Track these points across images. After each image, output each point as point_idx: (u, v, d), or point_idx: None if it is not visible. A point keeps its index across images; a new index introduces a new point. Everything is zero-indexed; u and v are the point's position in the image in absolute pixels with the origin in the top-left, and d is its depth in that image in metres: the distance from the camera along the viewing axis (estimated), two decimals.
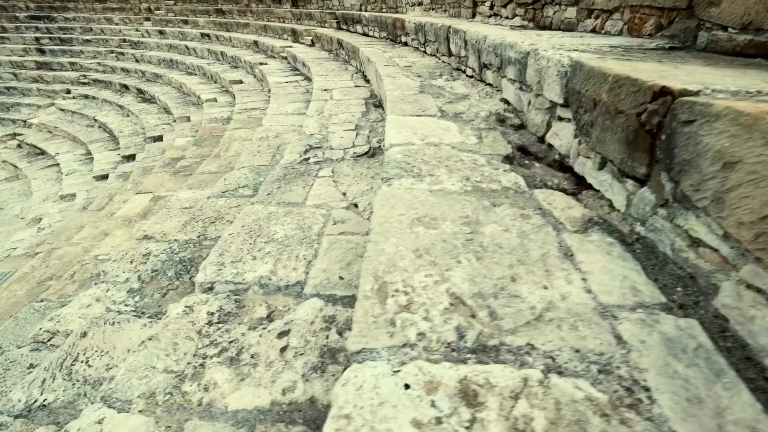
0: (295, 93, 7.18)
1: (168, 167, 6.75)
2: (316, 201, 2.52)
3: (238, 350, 1.45)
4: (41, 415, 1.71)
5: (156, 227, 3.70)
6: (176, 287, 2.44)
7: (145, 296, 2.35)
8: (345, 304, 1.69)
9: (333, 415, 0.74)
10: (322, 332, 1.54)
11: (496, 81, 3.17)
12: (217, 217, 3.10)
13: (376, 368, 0.83)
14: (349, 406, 0.75)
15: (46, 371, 1.89)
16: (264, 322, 1.59)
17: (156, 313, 2.24)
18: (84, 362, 1.94)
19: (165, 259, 2.63)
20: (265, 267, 1.90)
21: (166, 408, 1.25)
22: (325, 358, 1.44)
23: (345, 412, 0.74)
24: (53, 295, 3.42)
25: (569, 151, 1.93)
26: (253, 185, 3.56)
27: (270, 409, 1.26)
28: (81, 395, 1.78)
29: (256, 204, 2.48)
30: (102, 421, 1.18)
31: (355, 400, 0.76)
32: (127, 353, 1.96)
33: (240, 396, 1.29)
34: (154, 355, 1.41)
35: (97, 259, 3.89)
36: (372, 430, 0.70)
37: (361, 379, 0.81)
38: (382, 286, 1.07)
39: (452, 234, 1.30)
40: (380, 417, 0.73)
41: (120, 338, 2.05)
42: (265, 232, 2.18)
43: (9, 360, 2.41)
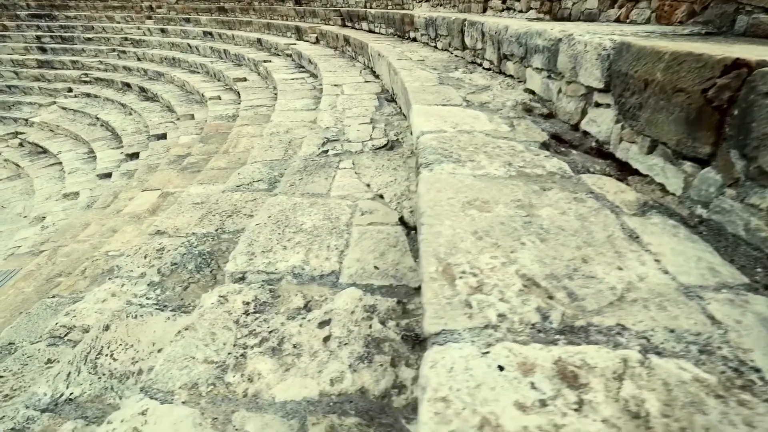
0: (301, 90, 7.12)
1: (174, 164, 6.68)
2: (341, 192, 2.46)
3: (279, 340, 1.39)
4: (68, 409, 1.65)
5: (168, 222, 3.64)
6: (197, 280, 2.38)
7: (166, 289, 2.29)
8: (384, 293, 1.63)
9: (429, 398, 0.68)
10: (364, 322, 1.48)
11: (518, 72, 3.12)
12: (233, 211, 3.05)
13: (463, 350, 0.77)
14: (444, 389, 0.69)
15: (70, 365, 1.83)
16: (302, 312, 1.53)
17: (179, 307, 2.18)
18: (109, 355, 1.87)
19: (184, 252, 2.56)
20: (297, 257, 1.83)
21: (211, 399, 1.19)
22: (370, 348, 1.38)
23: (441, 394, 0.68)
24: (65, 291, 3.36)
25: (609, 137, 1.87)
26: (267, 179, 3.50)
27: (319, 401, 1.20)
28: (108, 389, 1.72)
29: (280, 195, 2.42)
30: (145, 412, 1.12)
31: (449, 383, 0.70)
32: (152, 346, 1.90)
33: (286, 387, 1.23)
34: (192, 345, 1.34)
35: (108, 255, 3.83)
36: (474, 413, 0.64)
37: (450, 360, 0.75)
38: (447, 268, 1.01)
39: (509, 217, 1.24)
40: (480, 400, 0.67)
41: (144, 331, 1.99)
42: (293, 222, 2.12)
43: (26, 355, 2.34)
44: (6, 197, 9.96)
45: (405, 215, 2.20)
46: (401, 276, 1.72)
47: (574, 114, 2.19)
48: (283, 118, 5.42)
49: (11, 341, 2.89)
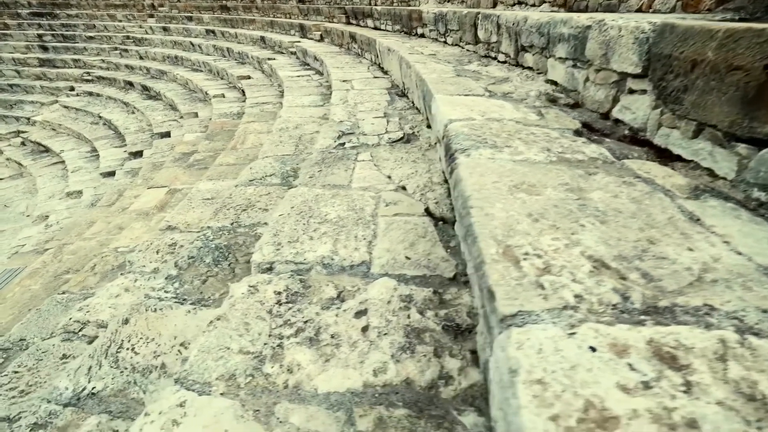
0: (308, 86, 7.07)
1: (180, 162, 6.62)
2: (362, 184, 2.41)
3: (316, 330, 1.34)
4: (91, 403, 1.59)
5: (179, 218, 3.58)
6: (216, 274, 2.33)
7: (184, 283, 2.23)
8: (418, 283, 1.57)
9: (523, 380, 0.62)
10: (402, 312, 1.42)
11: (537, 63, 3.06)
12: (248, 205, 2.99)
13: (547, 331, 0.72)
14: (538, 371, 0.64)
15: (91, 358, 1.77)
16: (336, 302, 1.47)
17: (198, 300, 2.12)
18: (130, 349, 1.82)
19: (201, 246, 2.51)
20: (325, 247, 1.78)
21: (250, 391, 1.13)
22: (410, 338, 1.32)
23: (536, 376, 0.63)
24: (75, 287, 3.30)
25: (645, 124, 1.82)
26: (280, 174, 3.45)
27: (364, 392, 1.14)
28: (131, 383, 1.66)
29: (300, 186, 2.37)
30: (183, 404, 1.06)
31: (542, 364, 0.65)
32: (173, 340, 1.85)
33: (328, 378, 1.17)
34: (225, 335, 1.29)
35: (117, 252, 3.77)
36: (576, 395, 0.59)
37: (536, 342, 0.70)
38: (507, 250, 0.96)
39: (560, 200, 1.19)
40: (579, 382, 0.61)
41: (165, 325, 1.93)
42: (317, 213, 2.06)
43: (40, 350, 2.29)
44: (8, 196, 9.90)
45: (431, 206, 2.14)
46: (434, 266, 1.67)
47: (604, 102, 2.14)
48: (292, 114, 5.37)
49: (22, 337, 2.84)
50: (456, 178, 1.44)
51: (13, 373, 2.19)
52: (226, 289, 2.20)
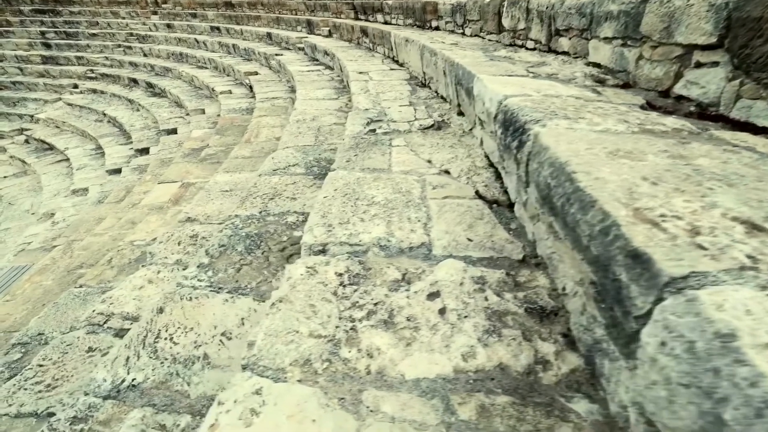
0: (319, 81, 6.96)
1: (190, 157, 6.51)
2: (403, 168, 2.29)
3: (389, 312, 1.22)
4: (132, 396, 1.47)
5: (198, 210, 3.47)
6: (249, 262, 2.21)
7: (218, 271, 2.11)
8: (486, 265, 1.45)
9: (750, 344, 0.51)
10: (477, 294, 1.30)
11: (575, 47, 2.95)
12: (275, 194, 2.88)
13: (740, 291, 0.61)
14: (762, 333, 0.52)
15: (127, 349, 1.65)
16: (402, 284, 1.35)
17: (235, 289, 2.01)
18: (168, 339, 1.70)
19: (231, 234, 2.39)
20: (379, 229, 1.66)
21: (330, 377, 1.01)
22: (493, 321, 1.20)
23: (763, 340, 0.52)
24: (92, 281, 3.19)
25: (718, 98, 1.70)
26: (303, 164, 3.35)
27: (456, 378, 1.02)
28: (173, 374, 1.54)
29: (339, 170, 2.25)
30: (260, 391, 0.94)
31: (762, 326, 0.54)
32: (214, 329, 1.73)
33: (413, 363, 1.05)
34: (292, 318, 1.17)
35: (134, 245, 3.66)
36: None
37: (736, 303, 0.58)
38: (638, 212, 0.84)
39: (670, 165, 1.07)
40: None
41: (203, 314, 1.81)
42: (362, 195, 1.95)
43: (65, 343, 2.17)
44: (13, 194, 9.77)
45: (480, 190, 2.03)
46: (500, 248, 1.55)
47: (663, 79, 2.02)
48: (307, 107, 5.26)
49: (41, 331, 2.72)
50: (536, 147, 1.32)
51: (38, 366, 2.07)
52: (262, 278, 2.08)
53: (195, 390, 1.48)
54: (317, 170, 3.26)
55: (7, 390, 1.96)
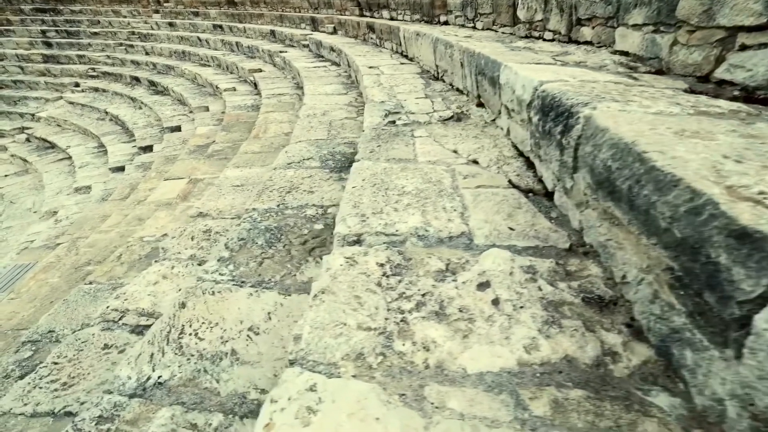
0: (326, 77, 6.89)
1: (196, 153, 6.44)
2: (429, 158, 2.21)
3: (439, 304, 1.14)
4: (160, 394, 1.39)
5: (210, 205, 3.40)
6: (271, 256, 2.13)
7: (239, 265, 2.04)
8: (533, 254, 1.38)
9: None
10: (529, 283, 1.23)
11: (599, 36, 2.88)
12: (291, 187, 2.81)
13: None
14: None
15: (151, 345, 1.57)
16: (447, 274, 1.28)
17: (258, 283, 1.93)
18: (193, 335, 1.62)
19: (250, 228, 2.32)
20: (414, 218, 1.58)
21: (386, 372, 0.93)
22: (551, 311, 1.13)
23: None
24: (101, 277, 3.11)
25: (766, 81, 1.63)
26: (317, 157, 3.28)
27: (521, 371, 0.94)
28: (201, 371, 1.47)
29: (364, 161, 2.17)
30: (314, 387, 0.87)
31: None
32: (240, 324, 1.65)
33: (474, 356, 0.98)
34: (337, 310, 1.09)
35: (143, 241, 3.58)
36: None
37: None
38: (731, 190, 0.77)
39: (745, 143, 1.00)
40: None
41: (227, 308, 1.74)
42: (392, 185, 1.87)
43: (80, 340, 2.09)
44: (14, 192, 9.69)
45: (513, 179, 1.95)
46: (544, 237, 1.48)
47: (702, 64, 1.95)
48: (317, 102, 5.19)
49: (51, 329, 2.65)
50: (590, 130, 1.25)
51: (52, 364, 1.99)
52: (285, 271, 2.01)
53: (225, 387, 1.41)
54: (332, 164, 3.19)
55: (22, 388, 1.89)
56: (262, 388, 1.40)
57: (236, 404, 1.35)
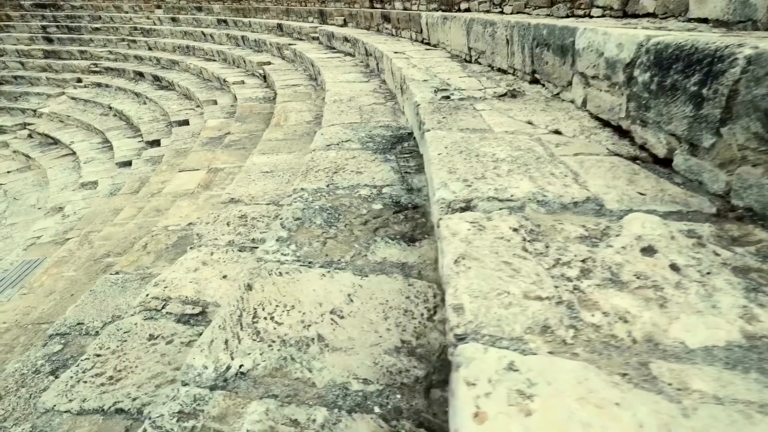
0: (343, 66, 6.70)
1: (210, 145, 6.25)
2: (505, 128, 2.02)
3: (608, 270, 0.94)
4: (245, 385, 1.19)
5: (241, 190, 3.22)
6: (334, 236, 1.94)
7: (301, 245, 1.84)
8: (680, 218, 1.18)
9: None
10: (700, 248, 1.04)
11: (666, 5, 2.69)
12: (337, 168, 2.63)
13: None
14: None
15: (223, 330, 1.37)
16: (595, 240, 1.08)
17: (328, 263, 1.73)
18: (269, 318, 1.41)
19: (303, 207, 2.12)
20: (524, 184, 1.38)
21: (588, 347, 0.73)
22: (743, 277, 0.93)
23: None
24: (128, 267, 2.91)
25: None
26: (356, 139, 3.11)
27: (754, 345, 0.74)
28: (288, 359, 1.26)
29: (435, 131, 1.98)
30: (513, 366, 0.66)
31: None
32: (319, 307, 1.45)
33: (686, 328, 0.78)
34: (491, 277, 0.89)
35: (168, 230, 3.39)
36: None
37: None
38: None
39: None
40: None
41: (300, 290, 1.54)
42: (480, 152, 1.67)
43: (122, 330, 1.88)
44: (18, 189, 9.45)
45: (610, 147, 1.76)
46: (683, 202, 1.28)
47: None
48: (340, 88, 5.00)
49: (80, 321, 2.45)
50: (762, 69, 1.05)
51: (95, 356, 1.78)
52: (354, 252, 1.81)
53: (320, 377, 1.20)
54: (374, 145, 3.01)
55: (65, 383, 1.68)
56: (365, 378, 1.19)
57: (338, 396, 1.15)
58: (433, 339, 1.34)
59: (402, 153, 2.91)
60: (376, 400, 1.13)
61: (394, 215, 2.14)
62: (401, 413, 1.10)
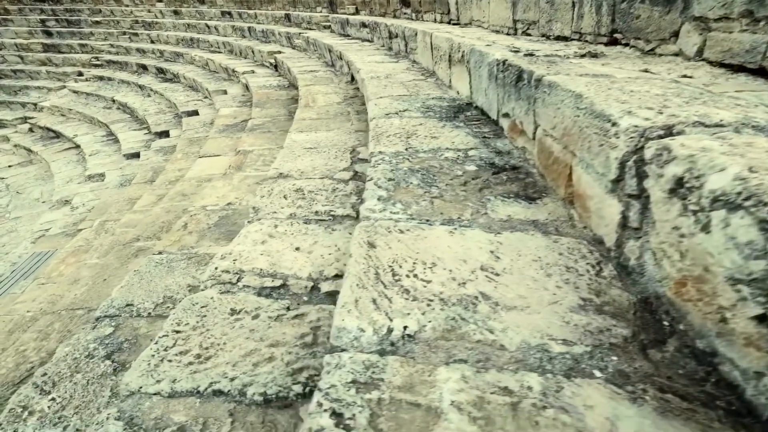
0: (365, 50, 6.49)
1: (228, 131, 6.05)
2: (626, 75, 1.80)
3: None
4: (419, 349, 0.96)
5: (288, 166, 3.03)
6: (440, 195, 1.73)
7: (408, 205, 1.63)
8: None
9: None
10: None
11: None
12: (409, 133, 2.47)
13: None
14: None
15: (363, 289, 1.13)
16: None
17: (448, 221, 1.53)
18: (411, 276, 1.18)
19: (391, 169, 1.91)
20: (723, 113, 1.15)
21: None
22: None
23: None
24: (170, 247, 2.69)
25: None
26: (413, 109, 3.00)
27: None
28: (457, 319, 1.03)
29: (554, 75, 1.75)
30: None
31: None
32: (464, 264, 1.21)
33: None
34: None
35: (207, 210, 3.17)
36: None
37: None
38: None
39: None
40: None
41: (434, 246, 1.33)
42: (629, 89, 1.45)
43: (198, 305, 1.64)
44: (20, 183, 9.14)
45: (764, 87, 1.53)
46: None
47: None
48: (373, 67, 4.79)
49: (128, 302, 2.22)
50: None
51: (174, 333, 1.54)
52: (472, 210, 1.61)
53: (508, 339, 0.97)
54: (435, 114, 2.83)
55: (147, 362, 1.43)
56: (563, 339, 0.96)
57: (541, 360, 0.91)
58: (617, 296, 1.12)
59: (469, 121, 2.70)
60: (591, 363, 0.90)
61: (494, 176, 1.92)
62: (628, 377, 0.87)
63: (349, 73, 5.83)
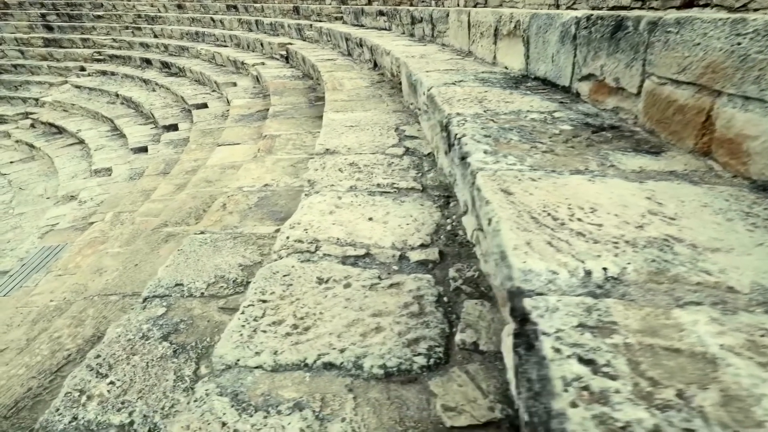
0: (385, 36, 6.36)
1: (244, 121, 5.91)
2: None
3: None
4: (635, 292, 0.78)
5: (333, 142, 2.90)
6: (550, 149, 1.59)
7: (521, 158, 1.46)
8: None
9: None
10: None
11: None
12: (479, 98, 2.38)
13: None
14: None
15: (526, 231, 0.94)
16: None
17: (576, 171, 1.41)
18: (575, 219, 1.00)
19: (480, 127, 1.72)
20: None
21: None
22: None
23: None
24: (212, 226, 2.53)
25: None
26: (468, 80, 2.97)
27: None
28: (660, 261, 0.85)
29: None
30: None
31: None
32: (625, 209, 1.05)
33: None
34: None
35: (243, 191, 3.01)
36: None
37: None
38: None
39: None
40: None
41: (585, 191, 1.16)
42: None
43: (280, 273, 1.47)
44: (23, 179, 8.91)
45: None
46: None
47: None
48: (404, 50, 4.68)
49: (178, 282, 2.04)
50: None
51: (260, 302, 1.35)
52: (595, 162, 1.44)
53: (735, 280, 0.79)
54: (493, 84, 2.67)
55: (239, 333, 1.24)
56: None
57: None
58: None
59: (535, 89, 2.54)
60: None
61: (595, 135, 1.74)
62: None
63: (370, 60, 5.67)
